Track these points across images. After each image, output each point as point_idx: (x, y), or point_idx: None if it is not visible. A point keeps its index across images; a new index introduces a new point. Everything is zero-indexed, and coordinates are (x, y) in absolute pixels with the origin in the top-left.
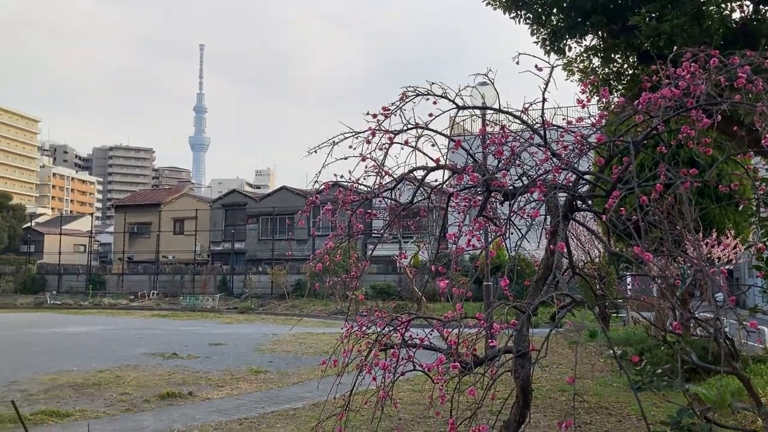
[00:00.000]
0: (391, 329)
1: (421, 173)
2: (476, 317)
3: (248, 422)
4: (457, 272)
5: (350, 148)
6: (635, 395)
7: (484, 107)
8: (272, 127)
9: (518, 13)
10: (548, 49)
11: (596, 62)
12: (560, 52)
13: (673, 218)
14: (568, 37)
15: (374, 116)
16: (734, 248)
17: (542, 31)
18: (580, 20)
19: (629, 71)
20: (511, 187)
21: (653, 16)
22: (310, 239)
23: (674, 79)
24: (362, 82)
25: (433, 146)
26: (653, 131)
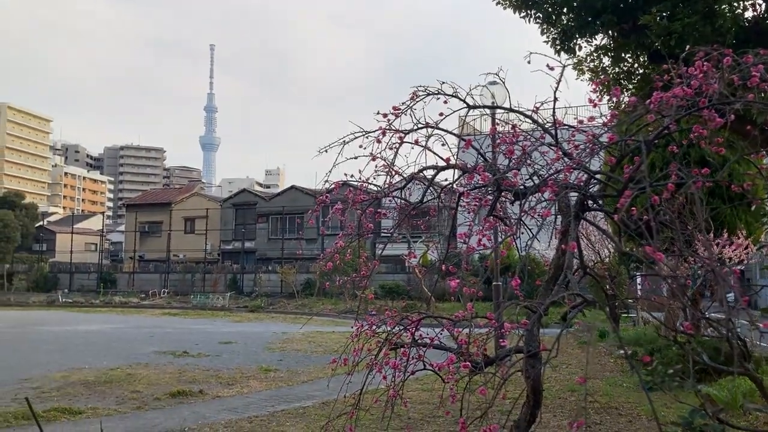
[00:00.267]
0: (401, 328)
1: (431, 173)
2: (487, 317)
3: (258, 420)
4: (467, 272)
5: (360, 147)
6: (647, 395)
7: (495, 106)
8: (282, 126)
9: (528, 12)
10: (558, 48)
11: (606, 62)
12: (570, 51)
13: (684, 218)
14: (578, 36)
15: (384, 116)
16: (746, 248)
17: (552, 30)
18: (590, 19)
19: (639, 71)
20: (521, 186)
21: (664, 15)
22: (319, 238)
23: (686, 78)
24: (369, 81)
25: (443, 146)
26: (665, 130)
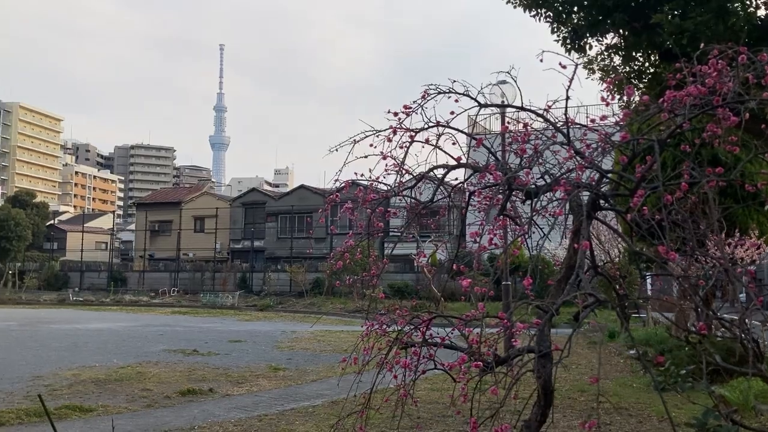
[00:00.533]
0: (411, 328)
1: (441, 172)
2: (498, 316)
3: (267, 419)
4: (478, 271)
5: (371, 146)
6: (660, 396)
7: (507, 105)
8: (291, 126)
9: (538, 11)
10: (569, 47)
11: (617, 61)
12: (581, 50)
13: (696, 218)
14: (588, 35)
15: (395, 114)
16: (758, 248)
17: (563, 29)
18: (601, 18)
19: (650, 70)
20: (533, 185)
21: (676, 13)
22: (328, 237)
23: (700, 76)
24: (379, 81)
25: (453, 144)
26: (678, 129)
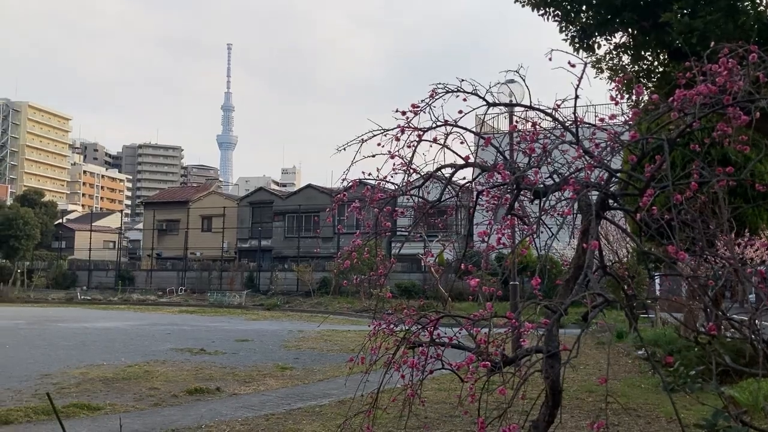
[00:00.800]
0: (419, 327)
1: (449, 171)
2: (506, 316)
3: (275, 418)
4: (486, 271)
5: (379, 146)
6: (669, 397)
7: (515, 104)
8: (299, 125)
9: (547, 10)
10: (577, 46)
11: (626, 60)
12: (589, 49)
13: (706, 217)
14: (597, 34)
15: (403, 113)
16: None
17: (571, 28)
18: (609, 17)
19: (659, 69)
20: (541, 185)
21: (686, 12)
22: (335, 237)
23: (710, 75)
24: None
25: (461, 144)
26: (688, 129)
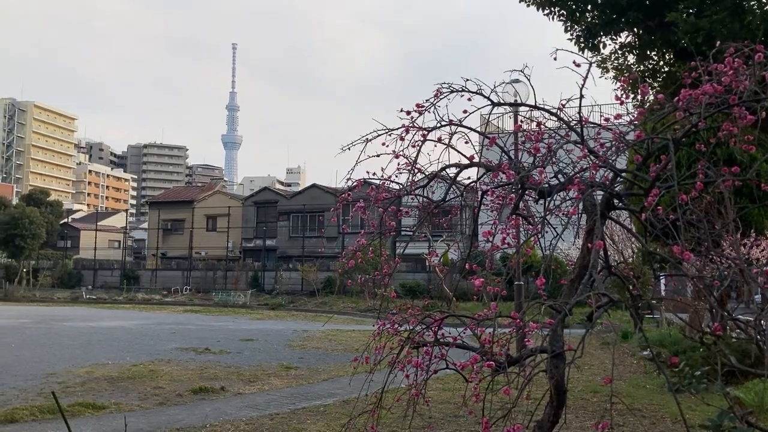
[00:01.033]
0: (423, 327)
1: (453, 170)
2: (511, 316)
3: (279, 417)
4: (491, 270)
5: (383, 145)
6: (674, 397)
7: (520, 104)
8: (303, 125)
9: (552, 10)
10: (582, 46)
11: (631, 59)
12: (595, 49)
13: (711, 217)
14: (602, 34)
15: (408, 113)
16: None
17: (576, 28)
18: (615, 17)
19: (665, 69)
20: (546, 185)
21: (691, 12)
22: (340, 237)
23: (716, 75)
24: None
25: (466, 143)
26: (693, 128)
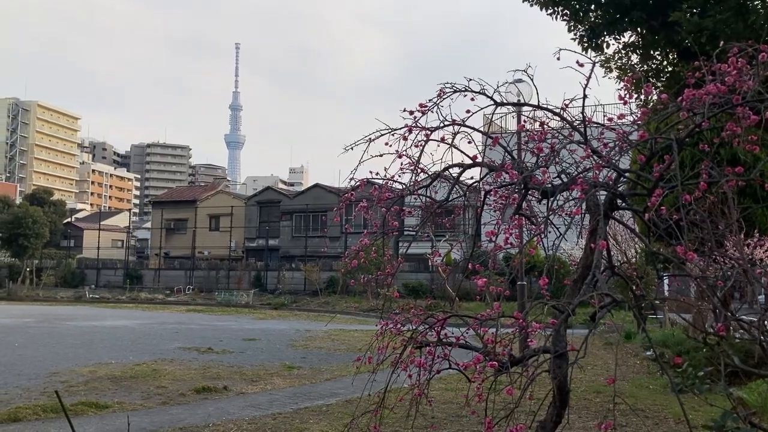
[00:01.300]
0: (426, 327)
1: (456, 170)
2: (514, 316)
3: (282, 417)
4: (494, 270)
5: (386, 145)
6: (678, 398)
7: (523, 104)
8: (306, 125)
9: (555, 9)
10: (586, 45)
11: (635, 59)
12: (598, 48)
13: (715, 218)
14: (606, 33)
15: (411, 113)
16: None
17: (580, 27)
18: (618, 16)
19: (668, 68)
20: (549, 185)
21: (695, 11)
22: (343, 236)
23: (720, 75)
24: (394, 80)
25: (469, 143)
26: (697, 128)
